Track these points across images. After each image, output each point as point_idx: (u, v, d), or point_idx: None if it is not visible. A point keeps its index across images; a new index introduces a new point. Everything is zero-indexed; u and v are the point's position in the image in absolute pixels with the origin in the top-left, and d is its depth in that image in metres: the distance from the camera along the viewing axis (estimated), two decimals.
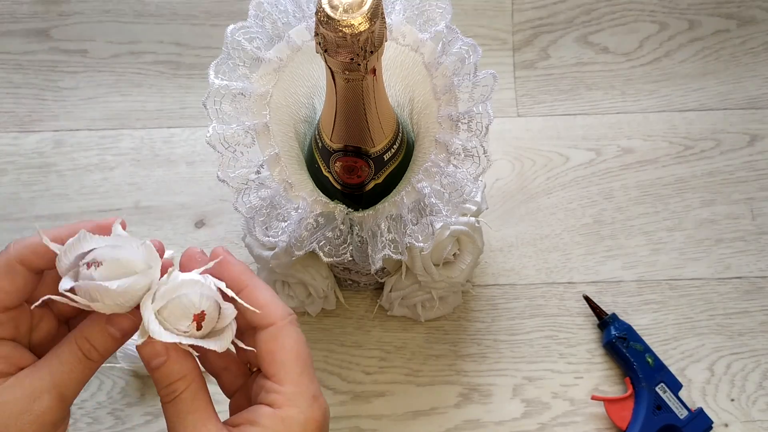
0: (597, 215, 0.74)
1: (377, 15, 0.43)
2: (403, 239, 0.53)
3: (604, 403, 0.66)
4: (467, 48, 0.53)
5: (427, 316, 0.69)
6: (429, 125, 0.54)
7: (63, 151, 0.76)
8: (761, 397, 0.68)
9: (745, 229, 0.73)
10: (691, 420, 0.65)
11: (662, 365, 0.67)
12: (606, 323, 0.69)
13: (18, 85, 0.79)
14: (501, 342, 0.70)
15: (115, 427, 0.68)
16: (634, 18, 0.80)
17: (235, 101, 0.54)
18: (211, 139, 0.53)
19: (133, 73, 0.79)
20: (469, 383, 0.69)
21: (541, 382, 0.69)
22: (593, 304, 0.69)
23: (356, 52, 0.44)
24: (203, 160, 0.76)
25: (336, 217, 0.54)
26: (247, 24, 0.55)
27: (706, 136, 0.76)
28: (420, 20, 0.55)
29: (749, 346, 0.69)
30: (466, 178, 0.53)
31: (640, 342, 0.67)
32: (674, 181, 0.75)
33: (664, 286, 0.71)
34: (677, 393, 0.66)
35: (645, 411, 0.65)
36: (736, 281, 0.71)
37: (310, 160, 0.57)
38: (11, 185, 0.75)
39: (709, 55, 0.79)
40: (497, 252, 0.73)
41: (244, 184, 0.54)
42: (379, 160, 0.53)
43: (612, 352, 0.68)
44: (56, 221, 0.74)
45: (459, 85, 0.53)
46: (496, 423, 0.67)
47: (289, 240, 0.54)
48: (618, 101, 0.77)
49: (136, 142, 0.77)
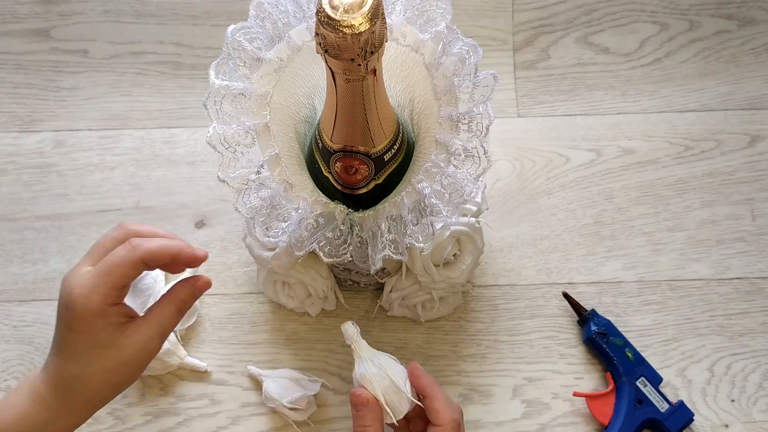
0: (597, 216, 0.74)
1: (378, 15, 0.43)
2: (403, 239, 0.53)
3: (585, 399, 0.67)
4: (468, 48, 0.53)
5: (427, 316, 0.69)
6: (429, 125, 0.54)
7: (63, 151, 0.76)
8: (761, 397, 0.68)
9: (745, 230, 0.73)
10: (672, 413, 0.66)
11: (642, 359, 0.67)
12: (586, 319, 0.69)
13: (18, 85, 0.79)
14: (501, 342, 0.70)
15: (115, 427, 0.68)
16: (635, 18, 0.80)
17: (235, 101, 0.54)
18: (211, 140, 0.53)
19: (134, 74, 0.79)
20: (470, 384, 0.69)
21: (541, 382, 0.69)
22: (572, 300, 0.70)
23: (356, 52, 0.44)
24: (204, 161, 0.76)
25: (336, 218, 0.54)
26: (248, 24, 0.55)
27: (707, 137, 0.76)
28: (420, 20, 0.55)
29: (749, 347, 0.69)
30: (466, 178, 0.53)
31: (619, 337, 0.68)
32: (675, 181, 0.75)
33: (665, 286, 0.71)
34: (658, 386, 0.66)
35: (626, 405, 0.65)
36: (736, 282, 0.71)
37: (310, 161, 0.57)
38: (11, 185, 0.76)
39: (709, 55, 0.79)
40: (497, 252, 0.73)
41: (245, 184, 0.54)
42: (380, 160, 0.53)
43: (592, 348, 0.69)
44: (56, 221, 0.74)
45: (459, 86, 0.53)
46: (496, 423, 0.67)
47: (289, 240, 0.54)
48: (618, 102, 0.77)
49: (136, 142, 0.77)
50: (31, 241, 0.74)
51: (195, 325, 0.70)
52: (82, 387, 0.50)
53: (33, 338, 0.71)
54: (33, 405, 0.50)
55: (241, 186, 0.54)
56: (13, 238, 0.74)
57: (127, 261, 0.49)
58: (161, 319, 0.51)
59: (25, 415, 0.50)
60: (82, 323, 0.49)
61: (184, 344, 0.69)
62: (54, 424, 0.50)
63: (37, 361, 0.70)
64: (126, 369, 0.50)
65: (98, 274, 0.49)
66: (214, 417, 0.68)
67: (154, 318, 0.51)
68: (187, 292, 0.52)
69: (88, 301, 0.48)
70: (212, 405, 0.68)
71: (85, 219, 0.74)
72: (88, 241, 0.73)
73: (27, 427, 0.50)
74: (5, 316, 0.71)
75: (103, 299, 0.49)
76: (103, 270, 0.49)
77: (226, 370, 0.69)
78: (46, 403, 0.50)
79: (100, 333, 0.49)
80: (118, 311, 0.50)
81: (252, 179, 0.53)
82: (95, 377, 0.49)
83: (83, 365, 0.49)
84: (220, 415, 0.68)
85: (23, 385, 0.51)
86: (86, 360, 0.49)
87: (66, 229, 0.74)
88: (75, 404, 0.50)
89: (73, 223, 0.74)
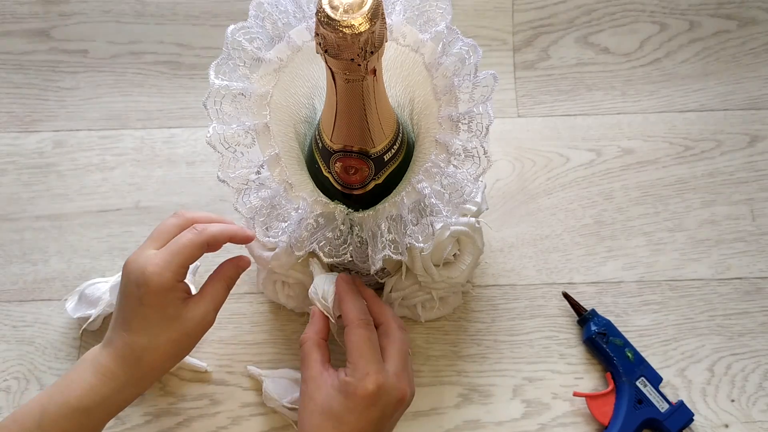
0: (597, 216, 0.74)
1: (377, 15, 0.43)
2: (403, 240, 0.53)
3: (585, 399, 0.67)
4: (467, 48, 0.53)
5: (427, 316, 0.69)
6: (429, 126, 0.54)
7: (63, 151, 0.76)
8: (761, 397, 0.68)
9: (745, 230, 0.73)
10: (672, 413, 0.66)
11: (642, 359, 0.67)
12: (586, 319, 0.69)
13: (18, 85, 0.79)
14: (501, 342, 0.70)
15: (115, 427, 0.68)
16: (635, 18, 0.80)
17: (235, 101, 0.54)
18: (211, 140, 0.53)
19: (134, 74, 0.79)
20: (469, 384, 0.69)
21: (541, 382, 0.69)
22: (572, 300, 0.70)
23: (356, 52, 0.44)
24: (203, 161, 0.76)
25: (336, 218, 0.54)
26: (248, 24, 0.55)
27: (707, 137, 0.76)
28: (420, 21, 0.55)
29: (749, 347, 0.69)
30: (466, 178, 0.53)
31: (619, 337, 0.68)
32: (674, 181, 0.75)
33: (665, 286, 0.71)
34: (658, 386, 0.66)
35: (626, 405, 0.65)
36: (736, 282, 0.71)
37: (310, 161, 0.57)
38: (11, 185, 0.76)
39: (709, 55, 0.79)
40: (497, 252, 0.73)
41: (245, 184, 0.54)
42: (379, 160, 0.53)
43: (592, 348, 0.69)
44: (56, 221, 0.74)
45: (459, 86, 0.53)
46: (496, 423, 0.67)
47: (289, 240, 0.54)
48: (618, 102, 0.78)
49: (136, 142, 0.77)
50: (31, 241, 0.74)
51: None
52: (151, 356, 0.55)
53: (33, 338, 0.71)
54: (100, 377, 0.55)
55: (241, 186, 0.54)
56: (13, 238, 0.74)
57: (195, 243, 0.56)
58: (214, 295, 0.58)
59: (92, 388, 0.55)
60: (155, 298, 0.54)
61: None
62: (121, 393, 0.55)
63: (37, 361, 0.70)
64: (187, 339, 0.57)
65: (170, 254, 0.55)
66: (214, 417, 0.68)
67: (208, 294, 0.58)
68: (233, 271, 0.60)
69: (161, 278, 0.54)
70: (212, 405, 0.68)
71: (85, 219, 0.74)
72: (88, 241, 0.73)
73: (96, 398, 0.54)
74: (5, 316, 0.71)
75: (173, 276, 0.55)
76: (173, 250, 0.55)
77: (226, 370, 0.69)
78: (113, 374, 0.55)
79: (170, 306, 0.55)
80: (183, 287, 0.56)
81: (252, 179, 0.53)
82: (164, 347, 0.55)
83: (153, 336, 0.55)
84: (220, 416, 0.68)
85: (83, 363, 0.56)
86: (156, 331, 0.55)
87: (66, 229, 0.74)
88: (141, 374, 0.56)
89: (73, 223, 0.74)
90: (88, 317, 0.68)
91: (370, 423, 0.55)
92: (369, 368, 0.55)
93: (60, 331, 0.71)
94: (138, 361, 0.55)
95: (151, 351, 0.55)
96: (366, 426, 0.55)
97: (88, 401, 0.54)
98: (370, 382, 0.54)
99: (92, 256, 0.73)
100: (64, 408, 0.54)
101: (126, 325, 0.55)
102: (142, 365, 0.55)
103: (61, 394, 0.54)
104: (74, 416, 0.54)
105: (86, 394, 0.54)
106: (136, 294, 0.55)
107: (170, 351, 0.56)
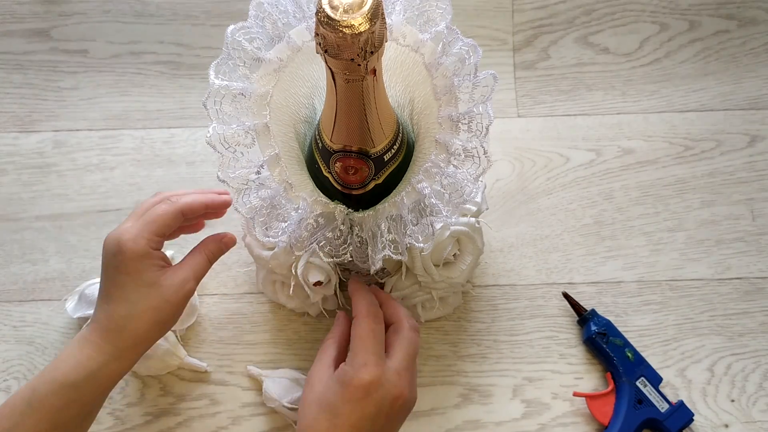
0: (597, 216, 0.74)
1: (377, 15, 0.43)
2: (403, 240, 0.53)
3: (585, 399, 0.67)
4: (467, 48, 0.53)
5: (427, 316, 0.69)
6: (429, 126, 0.54)
7: (63, 151, 0.76)
8: (761, 397, 0.68)
9: (745, 230, 0.73)
10: (672, 413, 0.66)
11: (642, 359, 0.67)
12: (585, 319, 0.69)
13: (18, 85, 0.79)
14: (501, 342, 0.70)
15: (115, 427, 0.68)
16: (635, 18, 0.80)
17: (235, 101, 0.54)
18: (211, 140, 0.53)
19: (134, 74, 0.79)
20: (469, 384, 0.69)
21: (541, 382, 0.69)
22: (572, 300, 0.70)
23: (356, 52, 0.44)
24: (203, 161, 0.76)
25: (336, 218, 0.54)
26: (248, 24, 0.55)
27: (707, 137, 0.76)
28: (420, 21, 0.55)
29: (749, 347, 0.69)
30: (466, 178, 0.53)
31: (619, 337, 0.68)
32: (674, 181, 0.75)
33: (665, 286, 0.71)
34: (658, 386, 0.66)
35: (626, 405, 0.65)
36: (736, 282, 0.71)
37: (310, 161, 0.57)
38: (11, 185, 0.76)
39: (709, 55, 0.79)
40: (497, 252, 0.73)
41: (244, 184, 0.54)
42: (379, 160, 0.53)
43: (592, 348, 0.69)
44: (56, 221, 0.74)
45: (459, 86, 0.53)
46: (496, 423, 0.67)
47: (289, 240, 0.54)
48: (618, 102, 0.77)
49: (136, 142, 0.77)
50: (31, 241, 0.74)
51: (195, 325, 0.70)
52: (132, 324, 0.56)
53: (33, 338, 0.71)
54: (85, 351, 0.55)
55: (241, 186, 0.54)
56: (13, 238, 0.74)
57: (169, 212, 0.57)
58: (194, 265, 0.59)
59: (78, 363, 0.55)
60: (130, 264, 0.56)
61: (183, 344, 0.69)
62: (107, 367, 0.55)
63: (37, 361, 0.70)
64: (168, 306, 0.57)
65: (143, 223, 0.57)
66: (214, 417, 0.68)
67: (188, 264, 0.59)
68: (216, 245, 0.61)
69: (135, 245, 0.56)
70: (212, 405, 0.68)
71: (85, 219, 0.74)
72: (88, 241, 0.73)
73: (83, 372, 0.55)
74: (5, 316, 0.71)
75: (147, 243, 0.56)
76: (147, 219, 0.57)
77: (226, 370, 0.69)
78: (97, 347, 0.55)
79: (146, 272, 0.56)
80: (159, 256, 0.58)
81: (252, 179, 0.53)
82: (144, 314, 0.56)
83: (132, 304, 0.56)
84: (220, 415, 0.68)
85: (73, 342, 0.56)
86: (135, 299, 0.56)
87: (66, 229, 0.74)
88: (125, 344, 0.56)
89: (73, 223, 0.74)
90: (88, 317, 0.68)
91: (364, 417, 0.54)
92: (368, 359, 0.55)
93: (60, 331, 0.71)
94: (120, 330, 0.56)
95: (131, 319, 0.55)
96: (360, 421, 0.54)
97: (75, 376, 0.54)
98: (366, 372, 0.54)
99: (92, 256, 0.73)
100: (53, 384, 0.54)
101: (107, 297, 0.56)
102: (124, 335, 0.56)
103: (50, 372, 0.55)
104: (62, 392, 0.54)
105: (73, 369, 0.55)
106: (113, 263, 0.56)
107: (151, 318, 0.56)
